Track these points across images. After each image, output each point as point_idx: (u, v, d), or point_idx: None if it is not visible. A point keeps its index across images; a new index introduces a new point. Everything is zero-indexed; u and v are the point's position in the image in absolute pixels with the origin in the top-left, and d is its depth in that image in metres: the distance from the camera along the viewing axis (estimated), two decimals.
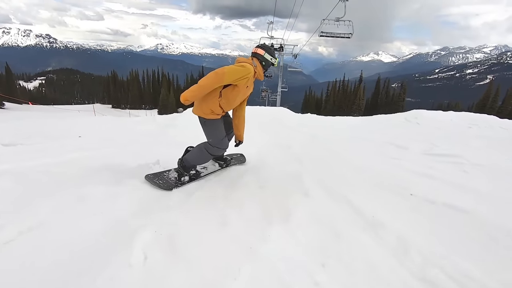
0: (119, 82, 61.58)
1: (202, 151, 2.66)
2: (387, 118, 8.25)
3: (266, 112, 9.13)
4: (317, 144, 4.72)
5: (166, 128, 6.49)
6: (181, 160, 2.76)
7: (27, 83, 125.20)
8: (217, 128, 2.60)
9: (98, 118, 8.96)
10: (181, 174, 2.72)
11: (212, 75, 2.25)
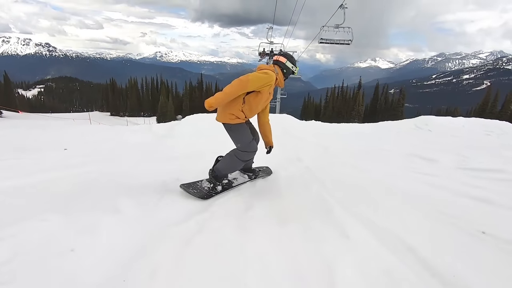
0: (118, 89, 61.55)
1: (232, 158, 2.66)
2: (395, 124, 7.97)
3: (272, 119, 9.21)
4: (332, 157, 4.25)
5: (162, 138, 6.12)
6: (213, 170, 2.76)
7: (26, 92, 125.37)
8: (243, 132, 2.62)
9: (89, 128, 8.45)
10: (214, 184, 2.71)
11: (236, 82, 2.29)
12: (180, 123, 8.24)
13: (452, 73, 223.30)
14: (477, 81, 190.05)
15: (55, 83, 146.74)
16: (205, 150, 4.74)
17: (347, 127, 8.17)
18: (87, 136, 6.45)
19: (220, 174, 2.73)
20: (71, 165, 3.40)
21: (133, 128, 7.97)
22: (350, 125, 8.91)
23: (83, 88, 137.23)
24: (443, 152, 4.08)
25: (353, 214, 2.12)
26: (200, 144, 5.39)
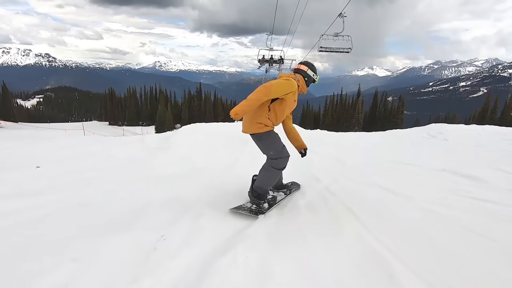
0: (117, 99, 61.42)
1: (268, 170, 2.62)
2: (405, 133, 7.54)
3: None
4: (354, 175, 3.65)
5: (156, 152, 5.66)
6: (252, 190, 2.69)
7: (24, 102, 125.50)
8: (274, 138, 2.59)
9: (76, 140, 7.85)
10: (258, 204, 2.61)
11: (260, 89, 2.28)
12: (176, 133, 7.82)
13: (449, 80, 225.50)
14: (473, 88, 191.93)
15: (54, 93, 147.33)
16: (204, 167, 4.35)
17: (358, 137, 7.72)
18: (69, 150, 5.80)
19: (262, 192, 2.65)
20: (28, 193, 2.72)
21: (124, 140, 7.43)
22: (359, 134, 8.45)
23: (82, 97, 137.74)
24: (481, 167, 3.55)
25: (419, 277, 1.42)
26: (197, 159, 5.01)
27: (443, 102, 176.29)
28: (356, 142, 6.80)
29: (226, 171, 4.19)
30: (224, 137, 7.47)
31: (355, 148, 5.98)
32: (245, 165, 4.62)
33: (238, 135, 7.56)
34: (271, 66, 22.90)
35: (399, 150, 5.65)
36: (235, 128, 9.53)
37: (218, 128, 9.34)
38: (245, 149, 5.99)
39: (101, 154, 5.34)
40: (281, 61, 22.33)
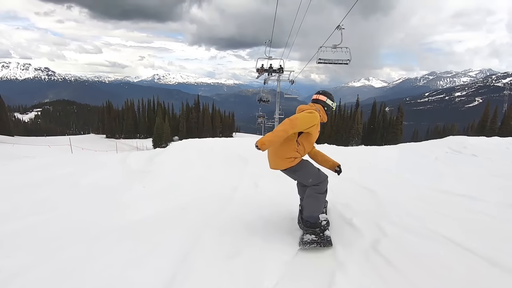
0: (114, 111, 61.23)
1: (314, 197, 2.61)
2: (424, 147, 6.92)
3: None
4: (397, 217, 2.80)
5: (133, 177, 4.85)
6: (304, 221, 2.68)
7: (22, 115, 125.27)
8: (307, 166, 2.64)
9: (47, 160, 6.85)
10: (316, 231, 2.61)
11: (286, 122, 2.31)
12: (164, 152, 7.35)
13: (444, 90, 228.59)
14: (469, 98, 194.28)
15: (52, 106, 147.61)
16: (188, 203, 3.48)
17: (366, 152, 7.20)
18: (29, 175, 4.81)
19: (314, 220, 2.64)
20: None
21: (103, 160, 6.66)
22: (372, 148, 7.78)
23: (80, 111, 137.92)
24: None
25: None
26: (184, 188, 4.27)
27: (439, 112, 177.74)
28: (373, 159, 6.20)
29: (226, 203, 3.47)
30: (220, 155, 6.81)
31: (377, 169, 5.38)
32: (250, 191, 4.00)
33: (237, 151, 7.01)
34: (270, 76, 21.79)
35: (431, 172, 4.93)
36: (233, 143, 8.83)
37: (214, 144, 8.62)
38: (246, 168, 5.42)
39: (64, 181, 4.52)
40: (280, 70, 20.87)
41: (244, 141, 9.35)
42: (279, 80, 23.38)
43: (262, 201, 3.57)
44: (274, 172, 4.61)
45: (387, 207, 3.11)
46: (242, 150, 7.40)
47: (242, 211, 3.21)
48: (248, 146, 8.04)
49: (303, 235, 2.61)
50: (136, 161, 6.13)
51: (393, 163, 5.79)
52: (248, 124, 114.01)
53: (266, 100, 24.43)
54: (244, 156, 6.54)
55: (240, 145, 8.53)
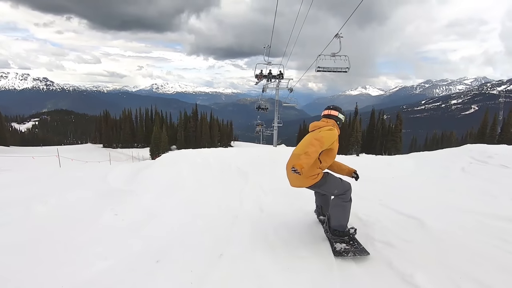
0: (111, 121, 60.90)
1: (341, 205, 2.71)
2: (443, 157, 6.24)
3: (277, 156, 7.14)
4: (475, 269, 2.02)
5: (109, 199, 4.13)
6: (332, 230, 2.74)
7: (19, 125, 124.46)
8: (330, 178, 2.72)
9: (13, 177, 6.18)
10: (345, 239, 2.68)
11: (315, 142, 2.44)
12: (152, 165, 6.70)
13: (440, 98, 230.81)
14: (465, 105, 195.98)
15: (50, 116, 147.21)
16: (167, 251, 2.55)
17: (378, 162, 6.60)
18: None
19: (343, 229, 2.73)
20: None
21: (80, 176, 6.03)
22: (378, 158, 7.30)
23: (78, 120, 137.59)
24: None
25: None
26: (167, 222, 3.38)
27: (436, 120, 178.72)
28: (392, 172, 5.52)
29: (223, 246, 2.66)
30: (217, 170, 6.12)
31: (404, 185, 4.64)
32: (254, 218, 3.31)
33: (235, 164, 6.39)
34: (269, 82, 20.87)
35: (473, 189, 4.14)
36: (231, 154, 8.06)
37: (209, 156, 7.87)
38: (246, 186, 4.79)
39: (15, 209, 3.66)
40: (280, 76, 19.71)
41: (243, 152, 8.81)
42: (278, 88, 23.15)
43: (272, 235, 2.85)
44: (279, 188, 4.24)
45: (454, 251, 2.26)
46: (241, 162, 6.86)
47: (246, 257, 2.41)
48: (247, 158, 7.50)
49: (333, 244, 2.67)
50: (118, 176, 5.47)
51: (418, 176, 5.12)
52: (247, 132, 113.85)
53: (265, 107, 24.01)
54: (244, 170, 6.02)
55: (239, 156, 7.96)
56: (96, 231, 3.10)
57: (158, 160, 7.29)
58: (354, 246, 2.60)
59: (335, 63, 19.51)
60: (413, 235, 2.63)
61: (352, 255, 2.46)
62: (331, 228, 2.73)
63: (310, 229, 2.98)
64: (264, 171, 5.84)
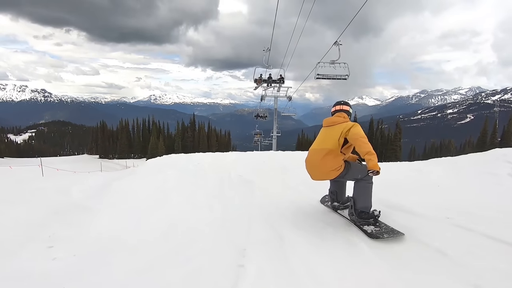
0: (108, 131, 60.35)
1: (365, 187, 2.83)
2: (472, 161, 5.24)
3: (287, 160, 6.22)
4: None
5: (57, 220, 3.07)
6: (358, 212, 2.81)
7: (16, 137, 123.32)
8: (352, 165, 2.86)
9: None
10: (370, 222, 2.75)
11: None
12: (132, 174, 5.74)
13: (436, 108, 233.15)
14: (460, 115, 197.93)
15: (47, 127, 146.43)
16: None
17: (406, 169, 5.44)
18: None
19: (368, 210, 2.81)
20: None
21: (43, 187, 4.93)
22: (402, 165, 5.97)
23: (75, 131, 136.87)
24: None
25: None
26: (136, 252, 2.43)
27: (433, 129, 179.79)
28: (430, 180, 4.46)
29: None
30: (212, 178, 4.95)
31: (459, 197, 3.56)
32: (275, 253, 2.23)
33: (237, 171, 5.33)
34: (269, 87, 19.30)
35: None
36: (230, 159, 6.88)
37: (203, 161, 6.70)
38: (254, 200, 3.73)
39: None
40: (281, 80, 18.10)
41: (245, 157, 7.41)
42: (277, 96, 22.80)
43: None
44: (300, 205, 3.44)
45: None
46: (244, 169, 5.57)
47: None
48: (251, 164, 6.16)
49: (362, 228, 2.71)
50: (86, 188, 4.45)
51: (466, 185, 4.05)
52: (245, 143, 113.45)
53: (264, 115, 23.54)
54: (248, 179, 4.81)
55: (240, 162, 6.60)
56: (5, 278, 1.94)
57: (142, 166, 6.18)
58: (384, 227, 2.65)
59: (335, 71, 19.43)
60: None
61: (387, 236, 2.46)
62: (357, 211, 2.82)
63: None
64: (274, 181, 4.85)
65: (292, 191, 4.33)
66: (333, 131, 2.83)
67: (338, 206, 3.28)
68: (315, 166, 2.85)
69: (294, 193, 4.19)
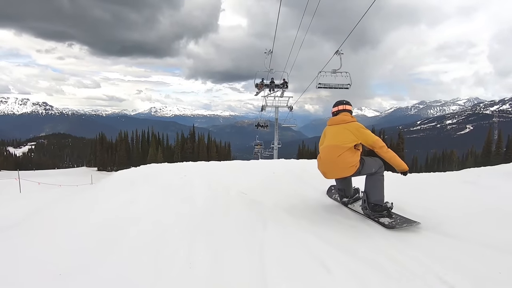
0: (107, 143, 59.91)
1: (378, 180, 2.88)
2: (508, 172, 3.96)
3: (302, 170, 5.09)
4: None
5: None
6: (372, 206, 2.84)
7: (15, 149, 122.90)
8: (366, 160, 2.88)
9: None
10: (384, 214, 2.80)
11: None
12: (90, 191, 4.61)
13: (435, 119, 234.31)
14: (460, 126, 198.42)
15: (47, 139, 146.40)
16: None
17: (454, 180, 4.04)
18: None
19: (381, 203, 2.84)
20: None
21: None
22: (448, 176, 4.47)
23: (75, 144, 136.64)
24: None
25: None
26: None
27: (432, 140, 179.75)
28: (476, 197, 3.19)
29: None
30: (203, 198, 3.50)
31: None
32: None
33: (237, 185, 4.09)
34: (272, 92, 17.52)
35: None
36: (229, 170, 5.32)
37: (193, 173, 5.00)
38: (265, 234, 2.44)
39: None
40: (284, 85, 16.22)
41: (248, 168, 5.77)
42: (278, 106, 22.38)
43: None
44: (340, 240, 2.41)
45: None
46: (247, 183, 4.28)
47: None
48: (256, 176, 4.82)
49: (378, 220, 2.74)
50: (16, 210, 3.39)
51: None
52: (245, 154, 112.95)
53: (265, 125, 22.97)
54: (255, 199, 3.54)
55: (242, 174, 5.04)
56: None
57: (107, 180, 4.71)
58: (399, 218, 2.72)
59: (336, 80, 19.20)
60: None
61: (406, 225, 2.53)
62: (371, 204, 2.85)
63: None
64: (292, 202, 3.47)
65: (318, 216, 3.05)
66: (344, 129, 2.84)
67: (348, 201, 3.30)
68: (333, 163, 2.77)
69: (324, 219, 2.96)
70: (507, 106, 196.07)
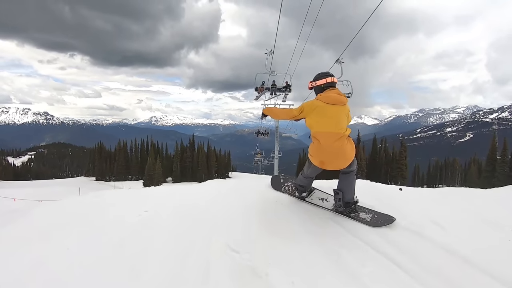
0: (106, 153, 59.34)
1: (354, 179, 2.92)
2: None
3: None
4: None
5: None
6: (346, 203, 2.85)
7: (15, 159, 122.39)
8: None
9: None
10: (354, 209, 2.86)
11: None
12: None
13: (435, 127, 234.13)
14: (459, 133, 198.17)
15: (47, 149, 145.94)
16: None
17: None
18: None
19: (352, 200, 2.88)
20: None
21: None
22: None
23: (75, 153, 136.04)
24: None
25: None
26: None
27: (433, 148, 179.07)
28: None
29: None
30: (160, 263, 2.13)
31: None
32: None
33: (228, 221, 2.61)
34: (274, 96, 15.18)
35: None
36: (217, 199, 3.34)
37: (164, 202, 3.43)
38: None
39: None
40: (287, 88, 14.63)
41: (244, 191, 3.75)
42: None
43: None
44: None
45: None
46: (241, 220, 2.83)
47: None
48: (255, 209, 3.08)
49: (357, 216, 2.79)
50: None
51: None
52: (245, 163, 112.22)
53: (265, 132, 22.49)
54: (254, 263, 2.12)
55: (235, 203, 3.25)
56: None
57: (29, 217, 3.20)
58: (376, 212, 2.81)
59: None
60: None
61: (389, 223, 2.59)
62: (346, 203, 2.84)
63: None
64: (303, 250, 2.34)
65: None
66: (343, 112, 2.64)
67: (306, 195, 3.27)
68: (341, 151, 2.57)
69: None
70: (506, 113, 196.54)
